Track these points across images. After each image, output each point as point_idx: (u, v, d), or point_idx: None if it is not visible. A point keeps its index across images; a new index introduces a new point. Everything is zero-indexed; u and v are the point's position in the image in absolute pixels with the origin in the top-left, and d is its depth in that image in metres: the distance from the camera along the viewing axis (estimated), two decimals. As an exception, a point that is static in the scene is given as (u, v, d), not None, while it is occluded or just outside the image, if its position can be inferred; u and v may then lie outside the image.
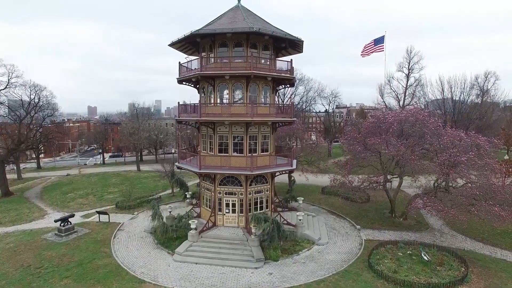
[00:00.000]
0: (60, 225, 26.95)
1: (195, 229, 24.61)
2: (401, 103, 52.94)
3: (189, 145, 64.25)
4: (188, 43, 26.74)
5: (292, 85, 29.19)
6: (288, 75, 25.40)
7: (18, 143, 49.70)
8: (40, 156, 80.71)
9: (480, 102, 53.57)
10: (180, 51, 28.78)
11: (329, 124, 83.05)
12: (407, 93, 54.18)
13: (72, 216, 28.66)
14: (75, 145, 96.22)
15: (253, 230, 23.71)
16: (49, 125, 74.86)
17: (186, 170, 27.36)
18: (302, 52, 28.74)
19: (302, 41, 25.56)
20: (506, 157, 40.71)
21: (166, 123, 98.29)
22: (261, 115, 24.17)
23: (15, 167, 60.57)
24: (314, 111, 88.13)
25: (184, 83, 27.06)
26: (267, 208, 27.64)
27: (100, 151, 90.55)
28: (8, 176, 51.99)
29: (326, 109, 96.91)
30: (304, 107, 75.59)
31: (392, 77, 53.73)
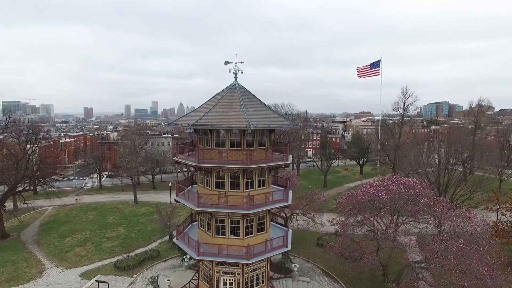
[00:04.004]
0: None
1: (193, 312, 25.29)
2: (396, 142, 53.64)
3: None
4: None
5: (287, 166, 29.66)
6: (283, 161, 25.96)
7: (15, 183, 49.83)
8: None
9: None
10: (178, 126, 29.15)
11: (325, 142, 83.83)
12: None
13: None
14: (71, 166, 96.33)
15: (249, 316, 24.43)
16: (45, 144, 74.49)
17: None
18: (297, 127, 29.28)
19: (298, 128, 26.03)
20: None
21: (163, 142, 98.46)
22: (257, 205, 24.72)
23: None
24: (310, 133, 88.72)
25: (181, 164, 27.50)
26: (263, 283, 28.34)
27: (97, 169, 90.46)
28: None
29: (322, 125, 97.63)
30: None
31: (388, 116, 54.38)
